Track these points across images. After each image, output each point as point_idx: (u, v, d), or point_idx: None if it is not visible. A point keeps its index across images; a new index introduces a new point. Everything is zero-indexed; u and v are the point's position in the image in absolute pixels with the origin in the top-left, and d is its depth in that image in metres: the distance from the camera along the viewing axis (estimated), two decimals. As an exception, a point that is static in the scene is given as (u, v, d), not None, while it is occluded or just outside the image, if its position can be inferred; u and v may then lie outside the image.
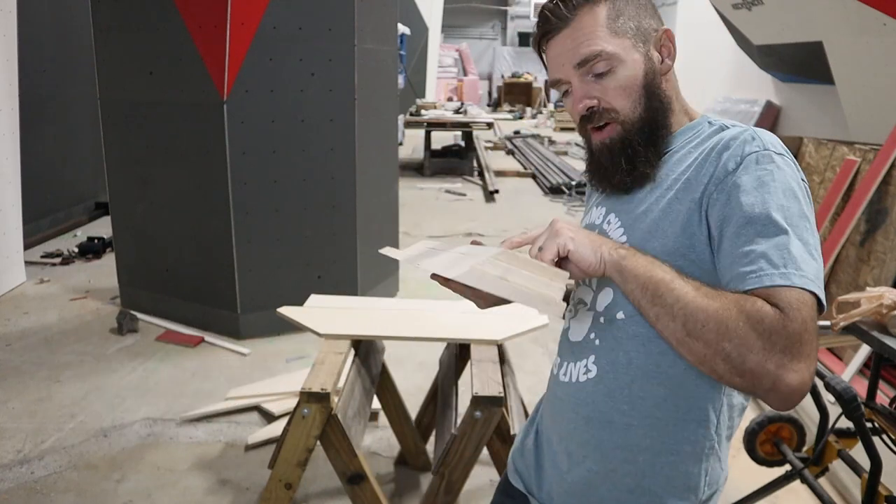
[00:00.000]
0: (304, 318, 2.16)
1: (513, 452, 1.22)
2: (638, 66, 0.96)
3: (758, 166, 0.88)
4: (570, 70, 0.97)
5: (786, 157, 0.90)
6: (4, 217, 4.26)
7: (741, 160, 0.89)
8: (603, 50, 0.94)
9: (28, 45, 4.66)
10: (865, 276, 3.48)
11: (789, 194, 0.86)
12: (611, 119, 0.97)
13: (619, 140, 0.97)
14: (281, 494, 1.89)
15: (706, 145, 0.95)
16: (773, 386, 0.77)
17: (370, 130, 3.82)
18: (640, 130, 0.97)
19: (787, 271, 0.80)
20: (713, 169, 0.91)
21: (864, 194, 3.60)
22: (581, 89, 0.97)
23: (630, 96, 0.96)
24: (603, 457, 1.00)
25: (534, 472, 1.13)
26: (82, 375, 3.22)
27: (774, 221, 0.84)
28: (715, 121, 1.01)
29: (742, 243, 0.84)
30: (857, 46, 4.58)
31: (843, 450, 2.07)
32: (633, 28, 0.96)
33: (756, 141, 0.90)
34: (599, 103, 0.97)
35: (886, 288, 1.92)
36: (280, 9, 3.33)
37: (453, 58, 18.80)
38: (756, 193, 0.86)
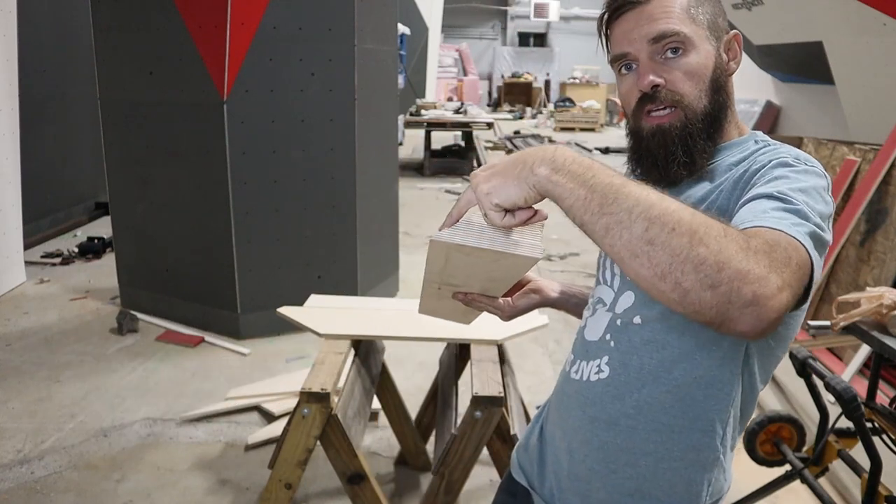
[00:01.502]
0: (304, 318, 2.16)
1: (517, 448, 1.22)
2: (710, 57, 0.95)
3: (787, 167, 0.87)
4: (643, 44, 0.93)
5: (818, 172, 0.87)
6: (4, 217, 4.26)
7: (768, 161, 0.89)
8: (681, 31, 0.92)
9: (28, 45, 4.66)
10: (865, 276, 3.48)
11: (810, 191, 0.82)
12: (675, 103, 0.93)
13: (679, 127, 0.94)
14: (281, 494, 1.89)
15: (744, 164, 0.94)
16: (753, 296, 0.66)
17: (370, 130, 3.82)
18: (703, 121, 0.95)
19: (787, 223, 0.75)
20: (743, 175, 0.91)
21: (864, 194, 3.60)
22: (649, 65, 0.93)
23: (698, 85, 0.94)
24: (605, 457, 0.99)
25: (537, 467, 1.12)
26: (82, 375, 3.22)
27: (791, 200, 0.79)
28: (761, 138, 0.99)
29: (755, 210, 0.79)
30: (857, 46, 4.58)
31: (843, 450, 2.07)
32: (709, 20, 0.95)
33: (792, 154, 0.90)
34: (666, 84, 0.93)
35: (886, 288, 1.92)
36: (280, 9, 3.33)
37: (453, 58, 18.79)
38: (779, 181, 0.84)
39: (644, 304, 0.96)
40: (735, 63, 0.98)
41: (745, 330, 0.68)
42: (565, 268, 5.24)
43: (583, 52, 21.87)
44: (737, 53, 0.98)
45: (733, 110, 1.00)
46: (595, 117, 15.27)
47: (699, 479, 0.97)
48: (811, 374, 2.09)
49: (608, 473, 0.99)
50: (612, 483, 0.99)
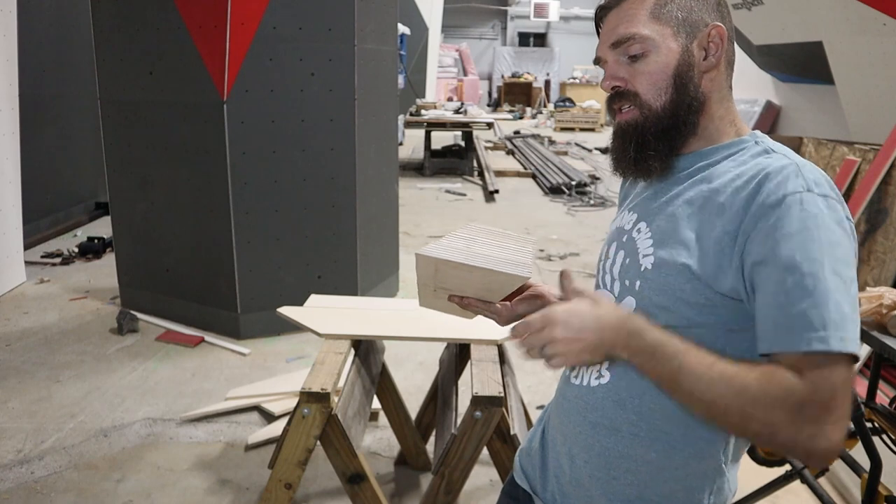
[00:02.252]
0: (304, 318, 2.16)
1: (520, 452, 1.22)
2: (672, 55, 0.94)
3: (802, 209, 0.82)
4: (607, 49, 0.98)
5: (830, 199, 0.84)
6: (4, 217, 4.26)
7: (783, 198, 0.84)
8: (637, 33, 0.94)
9: (28, 45, 4.66)
10: (865, 276, 3.48)
11: (833, 244, 0.81)
12: (632, 103, 0.97)
13: (633, 126, 0.97)
14: (281, 494, 1.89)
15: (747, 168, 0.91)
16: (807, 454, 0.79)
17: (370, 130, 3.82)
18: (658, 121, 0.95)
19: (827, 334, 0.78)
20: (751, 201, 0.86)
21: (864, 194, 3.60)
22: (612, 69, 0.98)
23: (655, 84, 0.95)
24: (606, 464, 0.98)
25: (539, 472, 1.12)
26: (82, 375, 3.22)
27: (815, 275, 0.79)
28: (762, 140, 0.97)
29: (780, 296, 0.80)
30: (857, 46, 4.58)
31: (843, 450, 2.07)
32: (679, 17, 0.95)
33: (800, 179, 0.85)
34: (626, 85, 0.97)
35: (886, 288, 1.92)
36: (280, 9, 3.33)
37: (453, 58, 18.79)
38: (797, 241, 0.81)
39: (646, 311, 0.94)
40: (714, 57, 0.95)
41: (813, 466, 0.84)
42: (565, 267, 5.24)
43: (583, 52, 21.88)
44: (718, 47, 0.95)
45: (722, 106, 0.98)
46: (595, 117, 15.27)
47: (700, 486, 0.97)
48: (811, 374, 2.08)
49: (609, 480, 0.99)
50: (612, 489, 0.99)
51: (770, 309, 0.82)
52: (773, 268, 0.82)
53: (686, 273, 0.89)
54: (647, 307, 0.94)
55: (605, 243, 1.09)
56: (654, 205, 1.00)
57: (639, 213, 1.02)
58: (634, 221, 1.02)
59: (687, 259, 0.89)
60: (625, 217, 1.05)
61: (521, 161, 10.39)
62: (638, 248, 0.97)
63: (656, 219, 0.97)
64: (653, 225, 0.97)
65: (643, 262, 0.95)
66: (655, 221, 0.97)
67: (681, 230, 0.92)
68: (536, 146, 11.39)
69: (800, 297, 0.79)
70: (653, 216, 0.98)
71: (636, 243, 0.98)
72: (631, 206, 1.05)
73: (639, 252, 0.97)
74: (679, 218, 0.94)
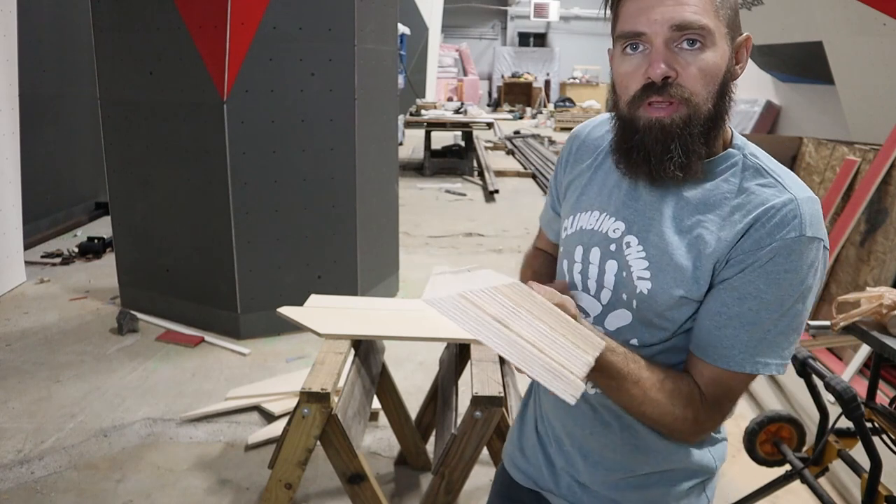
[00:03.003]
0: (304, 318, 2.16)
1: (511, 454, 1.21)
2: (725, 57, 0.88)
3: (788, 258, 0.85)
4: (662, 28, 0.84)
5: (817, 241, 0.87)
6: (4, 217, 4.26)
7: (774, 241, 0.86)
8: (708, 25, 0.84)
9: (28, 45, 4.66)
10: (865, 276, 3.48)
11: (806, 291, 0.88)
12: (682, 100, 0.86)
13: (681, 125, 0.87)
14: (281, 494, 1.89)
15: (745, 198, 0.89)
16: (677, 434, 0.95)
17: (370, 130, 3.82)
18: (704, 123, 0.88)
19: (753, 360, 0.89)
20: (747, 235, 0.87)
21: (864, 194, 3.60)
22: (664, 53, 0.85)
23: (708, 85, 0.87)
24: (623, 457, 1.02)
25: (546, 470, 1.11)
26: (82, 375, 3.22)
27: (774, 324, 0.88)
28: (749, 153, 0.94)
29: (733, 320, 0.89)
30: (857, 46, 4.58)
31: (843, 450, 2.07)
32: (730, 18, 0.88)
33: (796, 221, 0.86)
34: (677, 77, 0.86)
35: (886, 288, 1.92)
36: (280, 9, 3.33)
37: (453, 58, 18.78)
38: (777, 282, 0.86)
39: (642, 331, 0.96)
40: (741, 68, 0.92)
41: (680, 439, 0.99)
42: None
43: (583, 52, 21.88)
44: (744, 58, 0.92)
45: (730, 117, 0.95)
46: (595, 117, 15.23)
47: (707, 451, 1.04)
48: (811, 374, 2.09)
49: (630, 469, 1.02)
50: (633, 476, 1.03)
51: (717, 327, 0.90)
52: (737, 294, 0.88)
53: (682, 302, 0.92)
54: (643, 322, 0.96)
55: (573, 242, 1.02)
56: (643, 217, 0.95)
57: (626, 223, 0.96)
58: (623, 231, 0.96)
59: (682, 291, 0.91)
60: (605, 221, 0.99)
61: (521, 161, 10.39)
62: (630, 265, 0.94)
63: (648, 235, 0.94)
64: (646, 243, 0.94)
65: (639, 284, 0.93)
66: (648, 239, 0.94)
67: (676, 257, 0.91)
68: (536, 146, 11.39)
69: (747, 330, 0.88)
70: (644, 231, 0.94)
71: (627, 259, 0.95)
72: (613, 211, 0.98)
73: (632, 270, 0.94)
74: (672, 244, 0.91)
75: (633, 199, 0.97)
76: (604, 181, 1.02)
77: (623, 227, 0.96)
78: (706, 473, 1.04)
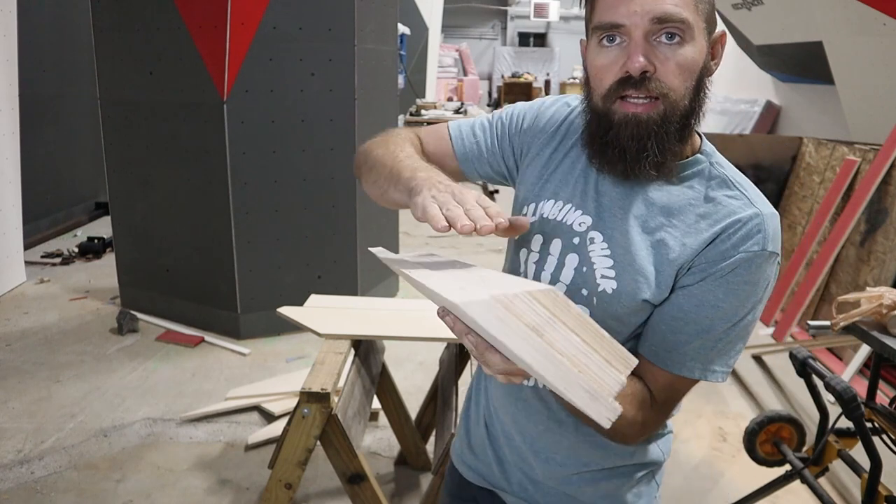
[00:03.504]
0: (304, 318, 2.16)
1: (459, 451, 1.18)
2: (702, 52, 0.86)
3: (749, 270, 0.87)
4: (642, 21, 0.81)
5: (774, 258, 0.89)
6: (4, 217, 4.26)
7: (738, 253, 0.87)
8: (688, 19, 0.82)
9: (28, 45, 4.66)
10: (865, 276, 3.48)
11: (759, 302, 0.90)
12: (660, 95, 0.84)
13: (658, 121, 0.85)
14: (281, 494, 1.89)
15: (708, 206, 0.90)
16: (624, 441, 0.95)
17: (370, 130, 3.79)
18: (680, 119, 0.86)
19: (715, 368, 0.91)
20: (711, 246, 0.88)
21: (864, 194, 3.61)
22: (643, 46, 0.82)
23: (686, 80, 0.84)
24: (576, 454, 1.03)
25: (496, 467, 1.10)
26: (82, 375, 3.22)
27: (726, 333, 0.89)
28: (716, 162, 0.93)
29: (689, 326, 0.89)
30: (857, 46, 4.58)
31: (843, 450, 2.07)
32: (708, 13, 0.86)
33: (760, 235, 0.87)
34: (655, 71, 0.83)
35: (886, 288, 1.92)
36: (280, 9, 3.33)
37: (453, 58, 18.77)
38: (735, 293, 0.88)
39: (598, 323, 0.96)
40: (716, 64, 0.90)
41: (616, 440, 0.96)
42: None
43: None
44: (719, 53, 0.90)
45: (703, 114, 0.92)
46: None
47: (655, 443, 1.07)
48: (811, 374, 2.09)
49: (581, 466, 1.03)
50: (587, 471, 1.04)
51: (672, 332, 0.90)
52: (704, 305, 0.88)
53: (643, 306, 0.92)
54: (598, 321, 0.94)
55: (531, 230, 0.98)
56: (609, 214, 0.93)
57: (593, 219, 0.94)
58: (588, 227, 0.94)
59: (647, 294, 0.90)
60: (570, 213, 0.96)
61: (521, 161, 10.37)
62: (594, 262, 0.93)
63: (613, 234, 0.92)
64: (610, 241, 0.92)
65: (601, 283, 0.92)
66: (613, 237, 0.92)
67: (639, 260, 0.90)
68: (536, 146, 11.37)
69: (700, 339, 0.89)
70: (609, 229, 0.93)
71: (590, 256, 0.93)
72: (578, 203, 0.96)
73: (595, 268, 0.93)
74: (637, 245, 0.91)
75: (599, 194, 0.95)
76: (569, 170, 0.99)
77: (590, 221, 0.94)
78: (655, 465, 1.08)
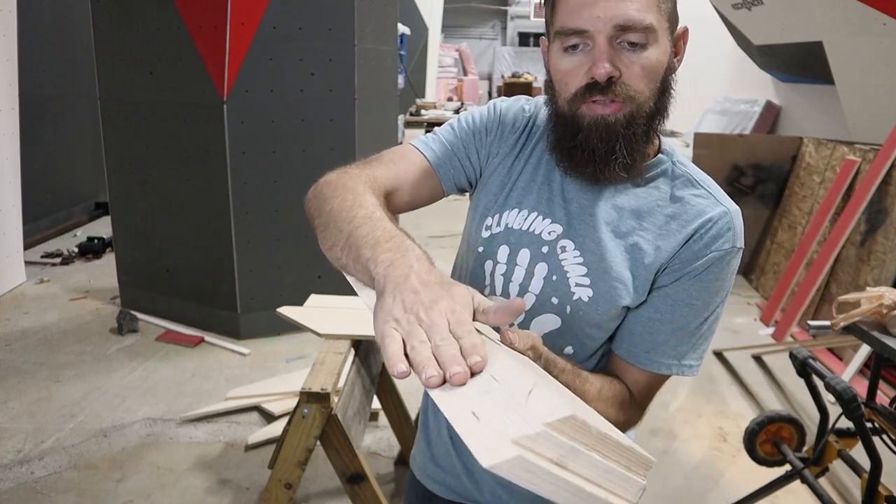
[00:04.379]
0: (304, 318, 2.16)
1: (421, 464, 1.14)
2: (666, 52, 0.85)
3: (719, 267, 0.89)
4: (606, 27, 0.80)
5: (740, 252, 0.91)
6: (4, 217, 4.26)
7: (710, 252, 0.89)
8: (652, 24, 0.81)
9: (28, 45, 4.66)
10: (865, 276, 3.48)
11: (724, 299, 0.92)
12: (625, 97, 0.83)
13: (624, 122, 0.84)
14: (281, 494, 1.89)
15: (676, 206, 0.91)
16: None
17: (370, 130, 3.82)
18: (647, 121, 0.85)
19: (691, 363, 0.92)
20: (685, 247, 0.89)
21: (864, 194, 3.60)
22: (608, 52, 0.81)
23: (650, 83, 0.84)
24: None
25: (465, 478, 1.06)
26: (82, 375, 3.22)
27: (706, 320, 0.91)
28: (678, 160, 0.94)
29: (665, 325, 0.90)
30: (857, 46, 4.58)
31: (843, 450, 2.07)
32: (670, 11, 0.85)
33: (730, 233, 0.89)
34: (621, 76, 0.82)
35: (886, 288, 1.92)
36: (280, 9, 3.33)
37: (453, 58, 18.77)
38: (707, 290, 0.89)
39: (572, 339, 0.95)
40: (679, 61, 0.89)
41: None
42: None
43: (583, 52, 21.83)
44: (682, 50, 0.89)
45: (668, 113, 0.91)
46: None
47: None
48: (811, 374, 2.09)
49: None
50: None
51: (647, 332, 0.91)
52: (679, 304, 0.90)
53: (619, 312, 0.92)
54: (573, 329, 0.94)
55: (497, 242, 0.96)
56: (578, 220, 0.92)
57: (563, 227, 0.93)
58: (558, 235, 0.93)
59: (627, 301, 0.91)
60: (537, 222, 0.94)
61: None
62: (566, 270, 0.92)
63: (585, 241, 0.91)
64: (582, 248, 0.91)
65: (576, 290, 0.91)
66: (585, 244, 0.91)
67: (615, 266, 0.90)
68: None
69: (676, 339, 0.91)
70: (580, 236, 0.92)
71: (562, 264, 0.92)
72: (545, 211, 0.94)
73: (568, 276, 0.92)
74: (611, 251, 0.90)
75: (567, 201, 0.93)
76: (532, 177, 0.97)
77: (560, 229, 0.93)
78: None
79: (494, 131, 1.00)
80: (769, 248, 4.69)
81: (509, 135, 1.00)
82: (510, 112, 1.01)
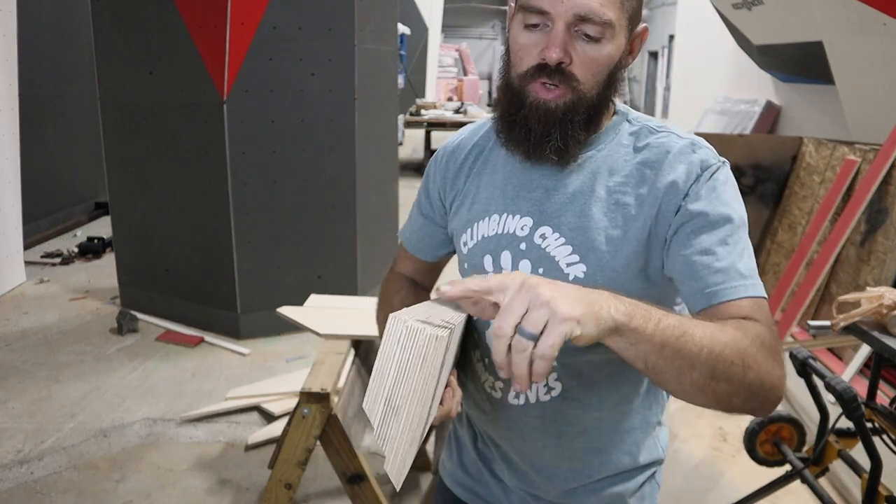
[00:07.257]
0: (304, 318, 2.16)
1: (451, 472, 1.15)
2: (620, 49, 0.88)
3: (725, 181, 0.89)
4: (566, 14, 0.83)
5: (726, 163, 0.91)
6: (4, 217, 4.26)
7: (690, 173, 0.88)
8: (611, 20, 0.84)
9: (28, 45, 4.66)
10: (865, 276, 3.48)
11: (737, 198, 0.89)
12: (569, 86, 0.86)
13: (563, 110, 0.87)
14: (281, 494, 1.89)
15: (643, 154, 0.91)
16: (776, 396, 0.79)
17: (370, 130, 3.82)
18: (587, 111, 0.88)
19: (748, 282, 0.83)
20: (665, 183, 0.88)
21: (864, 194, 3.60)
22: (563, 37, 0.84)
23: (597, 76, 0.87)
24: (580, 465, 1.01)
25: (494, 486, 1.08)
26: (82, 375, 3.22)
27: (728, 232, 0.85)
28: (633, 117, 0.96)
29: (702, 250, 0.84)
30: (857, 46, 4.58)
31: (843, 450, 2.07)
32: (632, 10, 0.87)
33: (704, 152, 0.90)
34: (570, 63, 0.85)
35: (886, 288, 1.92)
36: (280, 9, 3.33)
37: (453, 58, 18.78)
38: (711, 200, 0.87)
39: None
40: (632, 58, 0.92)
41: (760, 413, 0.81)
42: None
43: (583, 52, 21.85)
44: (637, 48, 0.92)
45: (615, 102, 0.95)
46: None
47: (654, 438, 1.05)
48: (811, 374, 2.09)
49: (585, 478, 1.02)
50: (589, 478, 1.02)
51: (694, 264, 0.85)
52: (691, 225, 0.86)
53: (622, 275, 0.89)
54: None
55: (478, 254, 0.98)
56: (550, 206, 0.93)
57: (534, 217, 0.93)
58: (531, 227, 0.93)
59: (621, 263, 0.89)
60: (507, 221, 0.95)
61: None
62: (553, 255, 0.91)
63: (562, 221, 0.92)
64: (562, 229, 0.91)
65: (569, 270, 0.90)
66: (563, 225, 0.91)
67: (600, 233, 0.89)
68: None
69: (734, 253, 0.84)
70: (556, 218, 0.92)
71: (546, 251, 0.92)
72: (513, 209, 0.95)
73: (557, 261, 0.91)
74: (594, 218, 0.90)
75: (529, 190, 0.95)
76: (490, 182, 0.99)
77: (531, 221, 0.94)
78: (657, 463, 1.06)
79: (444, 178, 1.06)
80: (769, 248, 4.69)
81: (456, 173, 1.04)
82: (443, 159, 1.07)
